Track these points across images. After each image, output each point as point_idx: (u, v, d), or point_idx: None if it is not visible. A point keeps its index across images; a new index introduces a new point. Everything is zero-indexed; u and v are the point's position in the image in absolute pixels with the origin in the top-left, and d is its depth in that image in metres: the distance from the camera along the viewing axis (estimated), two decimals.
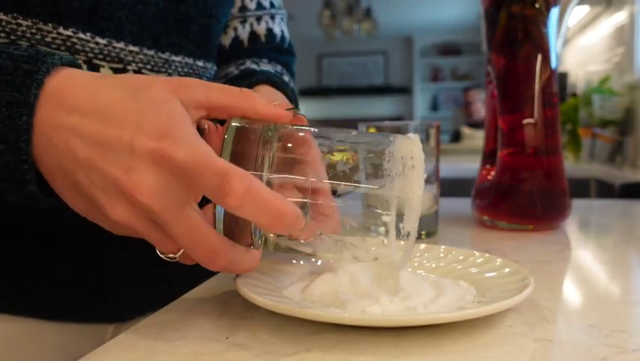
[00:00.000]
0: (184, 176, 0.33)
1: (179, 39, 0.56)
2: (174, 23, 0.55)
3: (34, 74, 0.35)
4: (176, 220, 0.34)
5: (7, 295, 0.52)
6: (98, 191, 0.34)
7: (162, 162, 0.33)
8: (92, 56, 0.50)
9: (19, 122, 0.34)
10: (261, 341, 0.34)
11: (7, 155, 0.35)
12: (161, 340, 0.34)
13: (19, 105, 0.34)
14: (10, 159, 0.35)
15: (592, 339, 0.34)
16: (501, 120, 0.72)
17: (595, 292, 0.45)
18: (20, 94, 0.35)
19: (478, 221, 0.75)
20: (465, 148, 3.00)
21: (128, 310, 0.58)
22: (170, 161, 0.33)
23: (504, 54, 0.71)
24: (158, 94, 0.35)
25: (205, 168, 0.32)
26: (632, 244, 0.64)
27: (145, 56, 0.54)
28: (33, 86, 0.35)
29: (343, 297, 0.39)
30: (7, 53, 0.36)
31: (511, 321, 0.37)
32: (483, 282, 0.43)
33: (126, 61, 0.52)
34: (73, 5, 0.48)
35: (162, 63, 0.55)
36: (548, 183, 0.71)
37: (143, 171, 0.33)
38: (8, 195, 0.37)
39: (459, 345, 0.33)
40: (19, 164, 0.35)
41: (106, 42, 0.51)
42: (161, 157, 0.33)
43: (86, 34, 0.49)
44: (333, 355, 0.32)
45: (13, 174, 0.35)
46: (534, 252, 0.59)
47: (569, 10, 0.80)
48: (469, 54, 7.16)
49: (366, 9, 5.31)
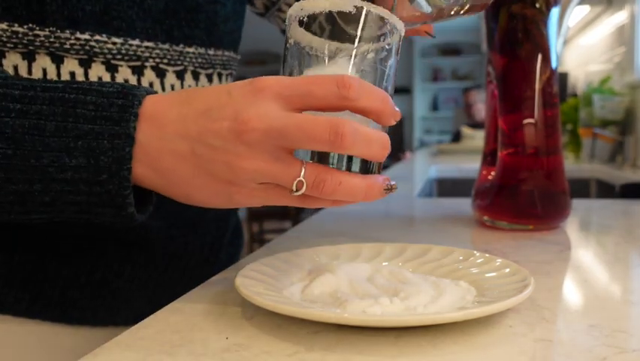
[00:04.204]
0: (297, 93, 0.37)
1: (190, 29, 0.57)
2: (184, 14, 0.56)
3: (129, 108, 0.39)
4: (292, 122, 0.36)
5: (24, 298, 0.52)
6: (219, 153, 0.37)
7: (260, 91, 0.36)
8: (110, 57, 0.51)
9: (122, 153, 0.38)
10: (261, 341, 0.34)
11: (110, 183, 0.39)
12: (161, 340, 0.34)
13: (121, 137, 0.38)
14: (113, 187, 0.39)
15: (592, 339, 0.34)
16: (501, 120, 0.72)
17: (595, 292, 0.45)
18: (121, 127, 0.38)
19: (478, 221, 0.75)
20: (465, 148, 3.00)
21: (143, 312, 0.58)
22: (268, 89, 0.36)
23: (504, 54, 0.71)
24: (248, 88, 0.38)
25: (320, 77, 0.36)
26: (632, 244, 0.64)
27: (161, 50, 0.55)
28: (131, 120, 0.38)
29: (343, 297, 0.39)
30: (96, 90, 0.39)
31: (511, 321, 0.37)
32: (483, 282, 0.43)
33: (143, 58, 0.53)
34: (86, 8, 0.49)
35: (177, 56, 0.56)
36: (549, 184, 0.71)
37: (246, 107, 0.36)
38: (106, 217, 0.41)
39: (459, 345, 0.33)
40: (122, 190, 0.39)
41: (122, 41, 0.52)
42: (260, 88, 0.36)
43: (102, 36, 0.50)
44: (333, 355, 0.32)
45: (114, 199, 0.39)
46: (534, 252, 0.59)
47: (570, 10, 0.80)
48: (469, 54, 7.16)
49: None
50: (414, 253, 0.50)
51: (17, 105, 0.39)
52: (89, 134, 0.38)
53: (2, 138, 0.38)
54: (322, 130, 0.35)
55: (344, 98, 0.36)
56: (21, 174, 0.39)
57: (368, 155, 0.38)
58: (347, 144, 0.36)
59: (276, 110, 0.36)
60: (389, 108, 0.38)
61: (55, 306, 0.53)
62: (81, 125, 0.39)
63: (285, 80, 0.37)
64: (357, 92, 0.36)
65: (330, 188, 0.37)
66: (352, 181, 0.38)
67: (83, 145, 0.38)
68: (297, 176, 0.37)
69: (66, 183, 0.39)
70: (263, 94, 0.36)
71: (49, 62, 0.49)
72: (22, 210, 0.40)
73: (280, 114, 0.36)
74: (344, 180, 0.37)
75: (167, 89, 0.56)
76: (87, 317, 0.55)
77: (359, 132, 0.36)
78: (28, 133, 0.38)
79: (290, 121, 0.36)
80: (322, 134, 0.35)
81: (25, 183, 0.39)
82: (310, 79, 0.37)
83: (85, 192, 0.39)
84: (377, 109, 0.37)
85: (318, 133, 0.35)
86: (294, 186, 0.37)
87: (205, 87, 0.40)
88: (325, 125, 0.35)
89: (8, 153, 0.38)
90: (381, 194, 0.39)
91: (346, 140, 0.35)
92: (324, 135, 0.35)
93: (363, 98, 0.36)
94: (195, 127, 0.38)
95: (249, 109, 0.36)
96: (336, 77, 0.36)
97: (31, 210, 0.40)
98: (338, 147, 0.36)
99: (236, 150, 0.37)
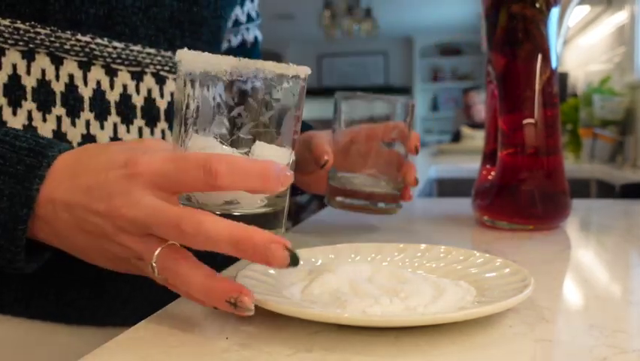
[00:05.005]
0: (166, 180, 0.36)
1: (193, 41, 0.58)
2: (188, 25, 0.57)
3: (36, 169, 0.38)
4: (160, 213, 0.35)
5: (24, 299, 0.52)
6: (98, 229, 0.37)
7: (133, 177, 0.36)
8: (110, 60, 0.52)
9: (19, 213, 0.38)
10: (261, 341, 0.34)
11: (2, 239, 0.39)
12: (161, 340, 0.34)
13: (21, 197, 0.38)
14: (4, 243, 0.39)
15: (592, 339, 0.34)
16: (501, 120, 0.72)
17: (595, 292, 0.45)
18: (23, 188, 0.38)
19: (478, 221, 0.75)
20: (465, 148, 3.00)
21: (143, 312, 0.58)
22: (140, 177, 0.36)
23: (504, 54, 0.71)
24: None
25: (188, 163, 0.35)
26: (632, 244, 0.64)
27: (163, 58, 0.55)
28: (35, 182, 0.38)
29: (343, 297, 0.39)
30: (9, 143, 0.39)
31: (511, 321, 0.36)
32: (483, 282, 0.43)
33: (144, 64, 0.54)
34: (89, 12, 0.49)
35: None
36: (549, 184, 0.71)
37: (118, 193, 0.36)
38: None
39: (458, 345, 0.33)
40: (13, 247, 0.39)
41: (123, 46, 0.52)
42: (132, 175, 0.36)
43: (103, 40, 0.50)
44: (333, 355, 0.32)
45: (4, 253, 0.40)
46: (534, 252, 0.59)
47: (570, 10, 0.80)
48: (469, 54, 7.16)
49: (366, 9, 5.31)
50: (414, 252, 0.50)
51: None
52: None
53: None
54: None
55: (211, 186, 0.34)
56: None
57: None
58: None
59: (144, 197, 0.36)
60: (269, 183, 0.35)
61: (54, 306, 0.53)
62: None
63: (156, 165, 0.36)
64: (227, 179, 0.34)
65: (171, 275, 0.36)
66: (190, 277, 0.35)
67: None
68: (151, 259, 0.36)
69: None
70: (135, 181, 0.36)
71: (48, 62, 0.49)
72: None
73: (146, 202, 0.35)
74: (183, 270, 0.36)
75: (166, 96, 0.56)
76: (86, 317, 0.55)
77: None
78: None
79: (152, 212, 0.35)
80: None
81: None
82: (179, 164, 0.35)
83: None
84: (253, 188, 0.35)
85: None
86: (151, 268, 0.37)
87: (97, 153, 0.39)
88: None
89: None
90: (221, 305, 0.35)
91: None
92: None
93: (236, 181, 0.34)
94: (78, 203, 0.38)
95: (119, 196, 0.36)
96: (205, 161, 0.34)
97: None
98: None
99: (110, 230, 0.37)
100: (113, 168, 0.37)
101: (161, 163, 0.36)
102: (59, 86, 0.50)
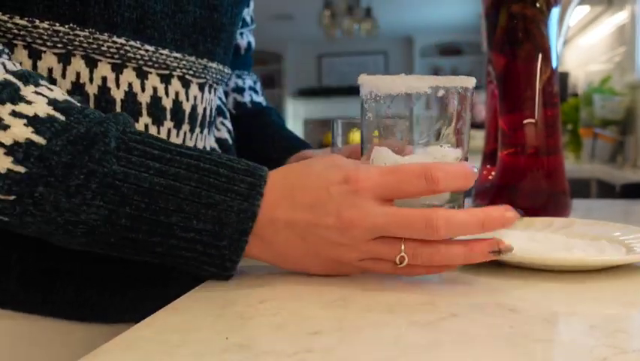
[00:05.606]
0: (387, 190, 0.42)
1: (214, 46, 0.60)
2: (209, 31, 0.59)
3: (257, 186, 0.43)
4: (391, 219, 0.41)
5: (37, 296, 0.52)
6: (326, 242, 0.43)
7: (358, 192, 0.42)
8: (142, 63, 0.53)
9: (245, 226, 0.43)
10: (261, 341, 0.34)
11: (227, 249, 0.43)
12: (161, 340, 0.34)
13: (247, 213, 0.43)
14: (228, 253, 0.43)
15: (592, 340, 0.34)
16: (501, 120, 0.72)
17: (595, 293, 0.45)
18: (249, 203, 0.43)
19: None
20: None
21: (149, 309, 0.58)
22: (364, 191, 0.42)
23: (504, 54, 0.71)
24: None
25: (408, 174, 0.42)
26: None
27: (187, 62, 0.57)
28: (257, 198, 0.43)
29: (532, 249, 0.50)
30: (228, 165, 0.44)
31: (511, 321, 0.36)
32: (628, 243, 0.54)
33: (172, 67, 0.56)
34: (125, 15, 0.51)
35: (202, 69, 0.59)
36: (549, 184, 0.71)
37: (347, 207, 0.41)
38: (203, 271, 0.45)
39: (459, 345, 0.33)
40: (235, 256, 0.43)
41: (153, 49, 0.54)
42: (356, 190, 0.42)
43: (136, 42, 0.52)
44: (333, 355, 0.32)
45: (224, 262, 0.44)
46: None
47: (570, 10, 0.80)
48: (469, 54, 7.16)
49: (366, 9, 5.31)
50: (561, 224, 0.60)
51: (156, 164, 0.42)
52: (220, 205, 0.42)
53: (139, 191, 0.41)
54: (419, 226, 0.41)
55: (432, 191, 0.42)
56: (146, 226, 0.42)
57: (456, 189, 0.43)
58: (441, 235, 0.41)
59: (374, 207, 0.41)
60: (470, 180, 0.42)
61: (67, 304, 0.54)
62: (213, 194, 0.42)
63: (376, 179, 0.42)
64: (444, 183, 0.41)
65: (427, 257, 0.42)
66: (451, 250, 0.42)
67: (213, 213, 0.42)
68: (399, 253, 0.42)
69: (185, 241, 0.42)
70: (360, 194, 0.42)
71: (83, 65, 0.51)
72: (132, 253, 0.44)
73: (378, 211, 0.41)
74: (442, 248, 0.42)
75: (191, 99, 0.58)
76: (98, 315, 0.56)
77: (451, 223, 0.41)
78: (164, 192, 0.42)
79: (389, 219, 0.41)
80: (419, 229, 0.41)
81: (146, 234, 0.42)
82: (399, 176, 0.42)
83: (199, 251, 0.43)
84: (460, 187, 0.43)
85: (415, 228, 0.41)
86: (397, 260, 0.42)
87: (307, 173, 0.44)
88: (421, 220, 0.40)
89: (141, 207, 0.41)
90: (485, 256, 0.42)
91: (441, 232, 0.40)
92: (420, 229, 0.41)
93: (450, 184, 0.42)
94: (303, 220, 0.43)
95: (350, 209, 0.41)
96: (424, 171, 0.41)
97: (140, 254, 0.44)
98: (432, 237, 0.41)
99: (341, 241, 0.42)
100: (332, 185, 0.42)
101: (379, 177, 0.42)
102: (92, 89, 0.52)
